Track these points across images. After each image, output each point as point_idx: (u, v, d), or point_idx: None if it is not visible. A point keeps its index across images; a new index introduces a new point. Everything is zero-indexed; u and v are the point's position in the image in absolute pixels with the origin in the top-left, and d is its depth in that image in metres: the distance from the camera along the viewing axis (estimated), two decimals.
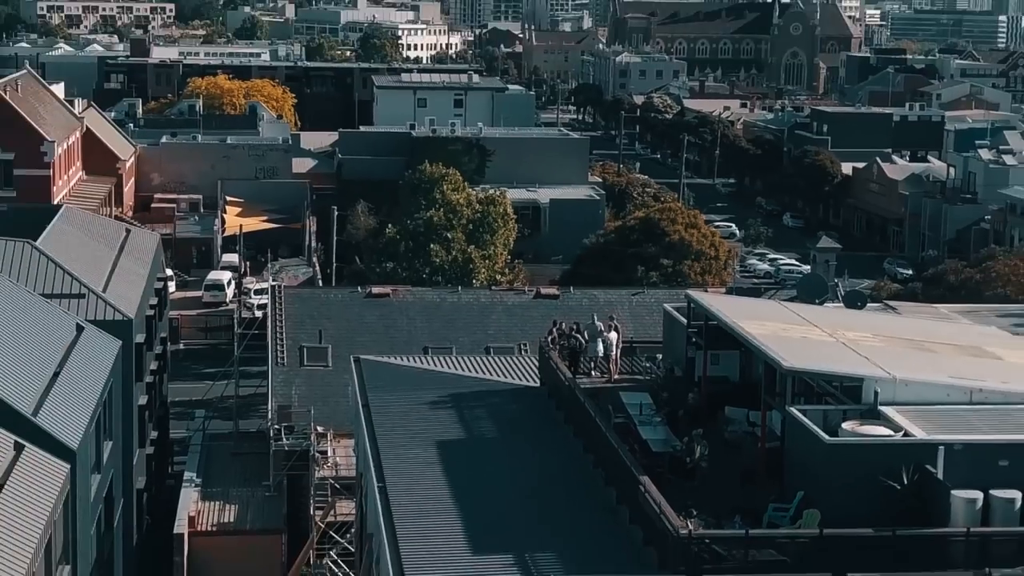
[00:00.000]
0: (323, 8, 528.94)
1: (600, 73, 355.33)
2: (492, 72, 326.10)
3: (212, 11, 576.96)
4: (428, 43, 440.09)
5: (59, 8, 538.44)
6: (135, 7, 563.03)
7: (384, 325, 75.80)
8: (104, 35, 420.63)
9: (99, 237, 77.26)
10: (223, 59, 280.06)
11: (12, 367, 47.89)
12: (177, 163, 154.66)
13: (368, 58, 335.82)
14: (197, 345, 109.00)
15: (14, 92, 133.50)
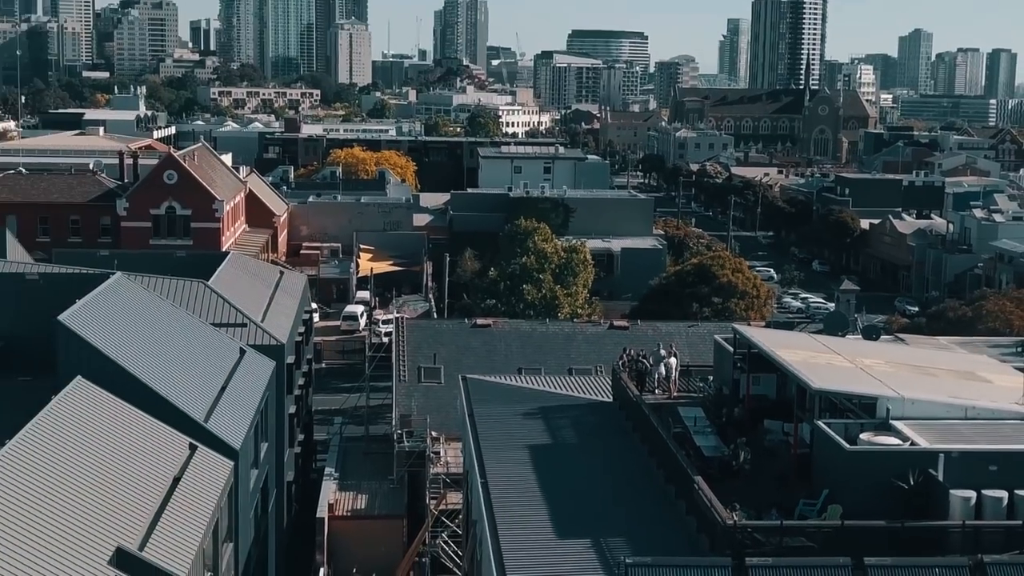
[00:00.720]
0: (439, 93, 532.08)
1: (663, 145, 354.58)
2: (575, 144, 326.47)
3: (350, 95, 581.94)
4: (523, 121, 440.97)
5: (228, 93, 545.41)
6: (288, 92, 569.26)
7: (486, 350, 75.95)
8: (264, 115, 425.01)
9: (258, 277, 77.93)
10: (358, 134, 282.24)
11: (188, 382, 48.52)
12: (321, 218, 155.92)
13: (474, 133, 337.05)
14: (336, 365, 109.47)
15: (192, 161, 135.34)
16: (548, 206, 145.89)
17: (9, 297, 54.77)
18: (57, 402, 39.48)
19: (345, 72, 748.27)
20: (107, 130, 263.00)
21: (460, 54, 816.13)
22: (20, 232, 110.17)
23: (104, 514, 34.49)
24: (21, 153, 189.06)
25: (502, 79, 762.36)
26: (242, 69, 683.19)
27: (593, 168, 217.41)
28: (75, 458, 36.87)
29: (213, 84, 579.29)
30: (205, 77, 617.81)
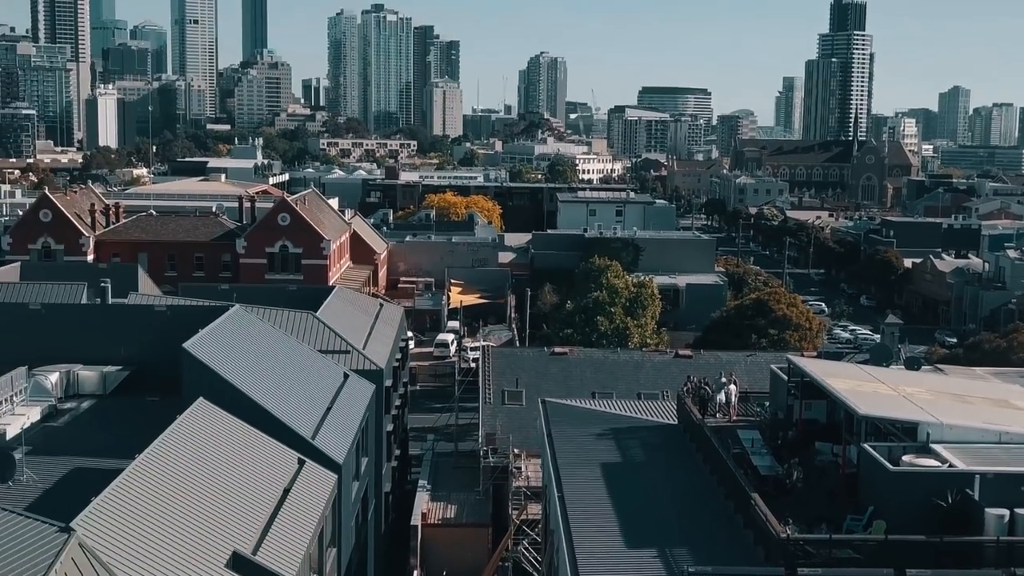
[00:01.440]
0: (522, 144, 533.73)
1: (724, 190, 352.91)
2: (644, 190, 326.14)
3: (443, 145, 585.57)
4: (597, 169, 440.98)
5: (335, 144, 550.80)
6: (389, 143, 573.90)
7: (563, 375, 75.82)
8: (367, 163, 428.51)
9: (361, 309, 78.46)
10: (450, 180, 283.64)
11: (297, 403, 48.88)
12: (416, 255, 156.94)
13: (554, 180, 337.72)
14: (429, 387, 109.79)
15: (303, 204, 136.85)
16: (620, 245, 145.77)
17: (140, 326, 55.40)
18: (182, 420, 39.99)
19: (439, 125, 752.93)
20: (228, 177, 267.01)
21: (541, 109, 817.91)
22: (150, 268, 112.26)
23: (222, 521, 34.87)
24: (152, 197, 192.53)
25: (579, 131, 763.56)
26: (348, 122, 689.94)
27: (661, 211, 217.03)
28: (197, 470, 37.35)
29: (322, 136, 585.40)
30: (315, 130, 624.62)
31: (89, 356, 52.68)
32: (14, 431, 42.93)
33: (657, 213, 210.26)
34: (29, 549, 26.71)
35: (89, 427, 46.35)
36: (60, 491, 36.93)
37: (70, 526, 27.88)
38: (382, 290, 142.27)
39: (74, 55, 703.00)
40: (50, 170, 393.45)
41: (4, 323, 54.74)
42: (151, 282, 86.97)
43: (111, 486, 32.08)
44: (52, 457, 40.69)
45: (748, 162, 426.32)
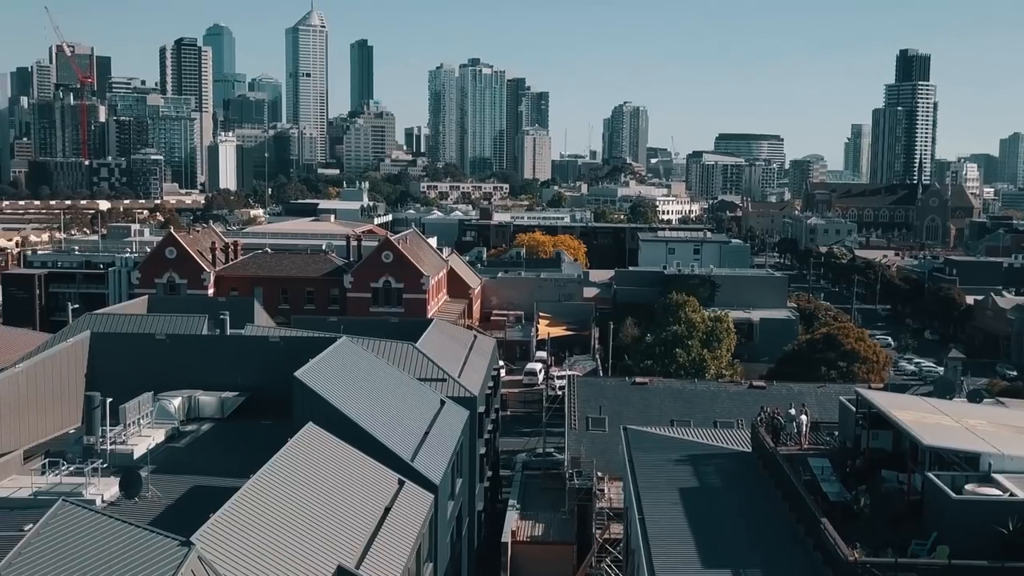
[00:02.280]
0: (606, 186, 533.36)
1: (796, 231, 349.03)
2: (720, 230, 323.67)
3: (533, 188, 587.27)
4: (676, 210, 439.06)
5: (434, 187, 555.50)
6: (483, 186, 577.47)
7: (643, 404, 75.40)
8: (463, 205, 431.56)
9: (456, 340, 78.79)
10: (539, 221, 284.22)
11: (398, 427, 49.13)
12: (507, 290, 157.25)
13: (635, 220, 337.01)
14: (518, 413, 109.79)
15: (404, 243, 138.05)
16: (697, 282, 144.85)
17: (256, 356, 56.13)
18: (293, 443, 40.39)
19: (529, 169, 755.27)
20: (337, 217, 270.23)
21: (624, 154, 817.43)
22: (265, 301, 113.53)
23: (328, 537, 35.13)
24: (267, 236, 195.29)
25: (659, 175, 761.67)
26: (446, 167, 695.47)
27: (736, 250, 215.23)
28: (306, 490, 37.66)
29: (423, 180, 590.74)
30: (416, 174, 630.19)
31: (209, 383, 53.48)
32: (141, 451, 43.74)
33: (732, 252, 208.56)
34: (153, 561, 27.18)
35: (208, 448, 47.00)
36: (181, 507, 37.43)
37: (190, 540, 28.31)
38: (476, 322, 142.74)
39: (198, 106, 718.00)
40: (175, 210, 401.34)
41: (133, 352, 55.77)
42: (266, 314, 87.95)
43: (228, 503, 32.52)
44: (174, 475, 41.31)
45: (818, 204, 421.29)
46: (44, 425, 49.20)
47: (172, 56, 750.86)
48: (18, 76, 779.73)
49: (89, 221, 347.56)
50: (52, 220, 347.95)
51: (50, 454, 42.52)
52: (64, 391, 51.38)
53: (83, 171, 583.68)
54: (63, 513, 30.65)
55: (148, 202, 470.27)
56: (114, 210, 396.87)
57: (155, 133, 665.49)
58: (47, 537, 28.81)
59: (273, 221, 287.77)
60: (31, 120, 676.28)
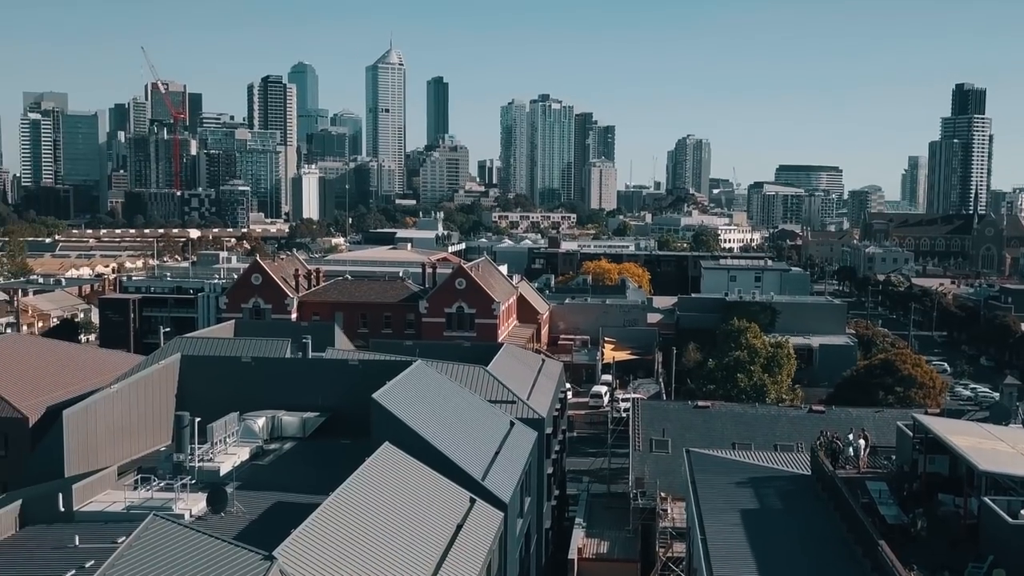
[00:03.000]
0: (669, 216, 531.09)
1: (854, 259, 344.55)
2: (780, 258, 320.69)
3: (599, 218, 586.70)
4: (738, 238, 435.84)
5: (505, 217, 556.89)
6: (551, 216, 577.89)
7: (705, 427, 74.77)
8: (532, 234, 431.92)
9: (525, 363, 78.64)
10: (605, 249, 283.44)
11: (469, 447, 49.15)
12: (574, 316, 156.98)
13: (698, 248, 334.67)
14: (585, 433, 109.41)
15: (477, 271, 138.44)
16: (758, 309, 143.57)
17: (336, 378, 56.49)
18: (370, 462, 40.62)
19: (596, 200, 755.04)
20: (413, 246, 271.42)
21: (687, 184, 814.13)
22: (345, 325, 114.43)
23: (402, 552, 35.20)
24: (348, 263, 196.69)
25: (721, 204, 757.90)
26: (516, 198, 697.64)
27: (796, 278, 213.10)
28: (382, 506, 37.83)
29: (494, 210, 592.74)
30: (488, 204, 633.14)
31: (291, 403, 53.97)
32: (227, 468, 44.19)
33: (792, 279, 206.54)
34: (237, 574, 27.45)
35: (290, 466, 47.30)
36: (264, 522, 37.72)
37: (272, 554, 28.57)
38: (544, 346, 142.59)
39: (283, 140, 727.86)
40: (261, 239, 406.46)
41: (220, 374, 56.48)
42: (346, 338, 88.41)
43: (309, 519, 32.73)
44: (258, 492, 41.63)
45: (876, 233, 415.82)
46: (137, 443, 50.01)
47: (259, 93, 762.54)
48: (116, 112, 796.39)
49: (180, 249, 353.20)
50: (146, 248, 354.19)
51: (142, 470, 43.07)
52: (156, 411, 52.16)
53: (175, 201, 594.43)
54: (154, 527, 31.10)
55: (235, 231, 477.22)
56: (204, 238, 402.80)
57: (243, 165, 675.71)
58: (139, 549, 29.24)
59: (353, 249, 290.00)
60: (127, 153, 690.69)
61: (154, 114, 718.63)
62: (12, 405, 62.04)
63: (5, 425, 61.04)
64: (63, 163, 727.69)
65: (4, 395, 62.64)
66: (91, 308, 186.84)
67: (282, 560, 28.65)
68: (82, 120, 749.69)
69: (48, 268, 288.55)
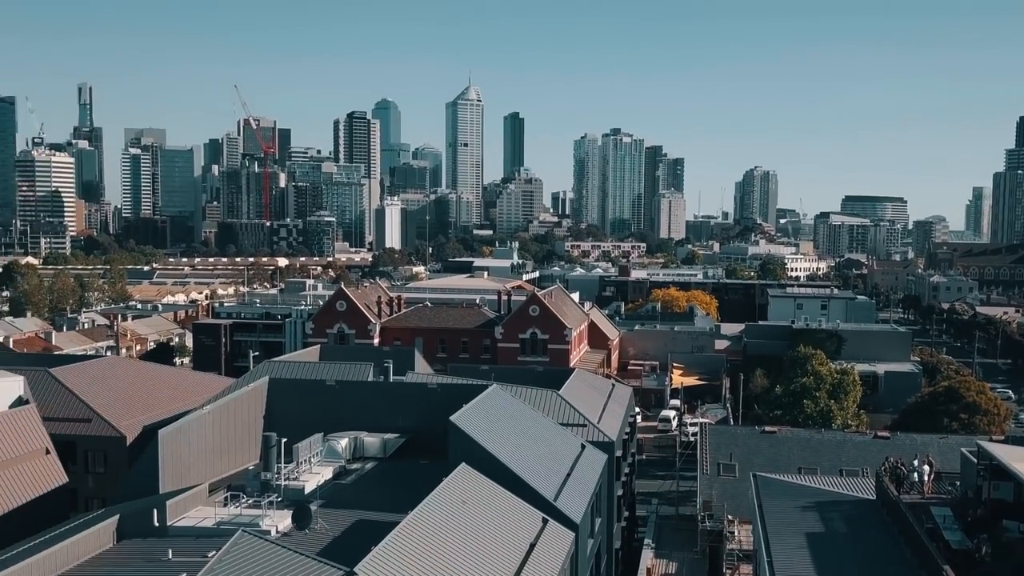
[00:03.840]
0: (737, 245, 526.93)
1: (919, 288, 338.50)
2: (846, 286, 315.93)
3: (668, 247, 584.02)
4: (804, 267, 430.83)
5: (577, 246, 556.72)
6: (622, 245, 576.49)
7: (772, 452, 73.80)
8: (603, 262, 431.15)
9: (596, 388, 78.40)
10: (673, 277, 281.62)
11: (542, 469, 49.00)
12: (644, 342, 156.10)
13: (765, 277, 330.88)
14: (653, 457, 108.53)
15: (550, 298, 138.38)
16: (824, 336, 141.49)
17: (416, 401, 56.79)
18: (447, 482, 40.72)
19: (665, 229, 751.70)
20: (490, 274, 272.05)
21: (754, 214, 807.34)
22: (425, 350, 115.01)
23: (477, 569, 35.15)
24: (427, 291, 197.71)
25: (788, 234, 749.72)
26: (588, 228, 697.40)
27: (861, 306, 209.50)
28: (459, 525, 37.84)
29: (567, 239, 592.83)
30: (561, 234, 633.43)
31: (373, 425, 54.36)
32: (311, 487, 44.58)
33: (858, 307, 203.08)
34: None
35: (371, 485, 47.57)
36: (346, 539, 37.94)
37: (354, 570, 28.74)
38: (614, 372, 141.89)
39: (367, 173, 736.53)
40: (346, 267, 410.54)
41: (306, 396, 57.11)
42: (425, 362, 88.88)
43: (388, 536, 32.87)
44: (341, 509, 41.92)
45: (941, 262, 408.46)
46: (227, 462, 50.67)
47: (345, 128, 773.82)
48: (210, 147, 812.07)
49: (269, 276, 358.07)
50: (237, 275, 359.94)
51: (232, 488, 43.66)
52: (245, 431, 52.84)
53: (265, 231, 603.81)
54: (242, 542, 31.49)
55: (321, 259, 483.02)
56: (291, 266, 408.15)
57: (328, 197, 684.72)
58: (227, 563, 29.62)
59: (433, 277, 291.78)
60: (220, 186, 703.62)
61: (246, 149, 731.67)
62: (111, 424, 63.27)
63: (104, 443, 62.28)
64: (161, 195, 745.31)
65: (104, 415, 63.92)
66: (185, 333, 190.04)
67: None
68: (179, 155, 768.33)
69: (146, 294, 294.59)
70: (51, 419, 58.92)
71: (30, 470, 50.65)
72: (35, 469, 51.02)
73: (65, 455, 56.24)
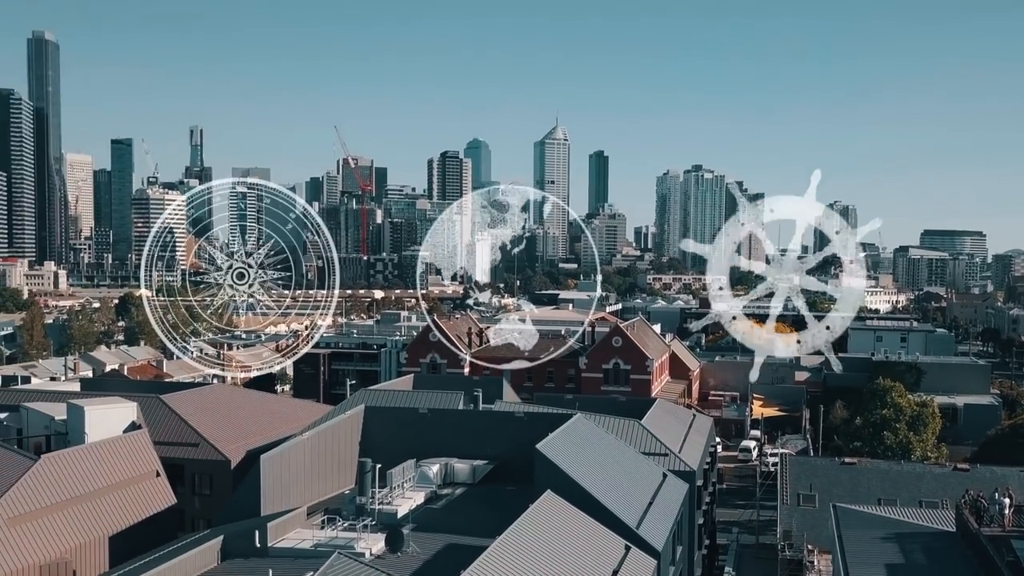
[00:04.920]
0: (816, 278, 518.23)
1: (998, 320, 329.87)
2: (925, 319, 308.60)
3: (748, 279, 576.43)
4: (884, 300, 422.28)
5: (659, 279, 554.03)
6: (702, 278, 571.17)
7: (852, 483, 72.21)
8: (684, 295, 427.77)
9: (677, 418, 77.71)
10: (753, 309, 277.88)
11: (624, 496, 48.60)
12: (724, 373, 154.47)
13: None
14: (734, 486, 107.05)
15: (632, 329, 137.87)
16: (904, 368, 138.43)
17: (503, 429, 56.78)
18: (533, 508, 40.58)
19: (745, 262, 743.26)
20: (574, 306, 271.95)
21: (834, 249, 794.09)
22: (512, 380, 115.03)
23: None
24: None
25: (867, 267, 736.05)
26: (670, 261, 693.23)
27: (940, 339, 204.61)
28: (544, 550, 37.61)
29: (649, 272, 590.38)
30: (643, 267, 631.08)
31: (463, 451, 54.51)
32: (404, 511, 44.82)
33: (937, 340, 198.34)
34: None
35: (461, 510, 47.68)
36: (437, 562, 38.03)
37: None
38: (695, 402, 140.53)
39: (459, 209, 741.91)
40: (438, 299, 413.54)
41: (399, 423, 57.54)
42: (512, 391, 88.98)
43: (477, 560, 32.82)
44: (432, 533, 42.04)
45: (1020, 296, 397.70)
46: (324, 486, 51.22)
47: (438, 166, 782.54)
48: (311, 185, 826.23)
49: (366, 308, 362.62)
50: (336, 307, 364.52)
51: (328, 511, 44.07)
52: (341, 457, 53.37)
53: (362, 265, 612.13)
54: (338, 564, 31.79)
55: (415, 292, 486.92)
56: (387, 299, 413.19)
57: (422, 233, 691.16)
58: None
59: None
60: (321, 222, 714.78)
61: (344, 186, 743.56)
62: (217, 449, 64.43)
63: (210, 467, 63.42)
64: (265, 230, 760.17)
65: (210, 439, 65.14)
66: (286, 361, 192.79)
67: None
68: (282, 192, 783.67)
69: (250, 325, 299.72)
70: (161, 443, 60.15)
71: (142, 491, 51.78)
72: (146, 491, 52.14)
73: (174, 477, 57.36)
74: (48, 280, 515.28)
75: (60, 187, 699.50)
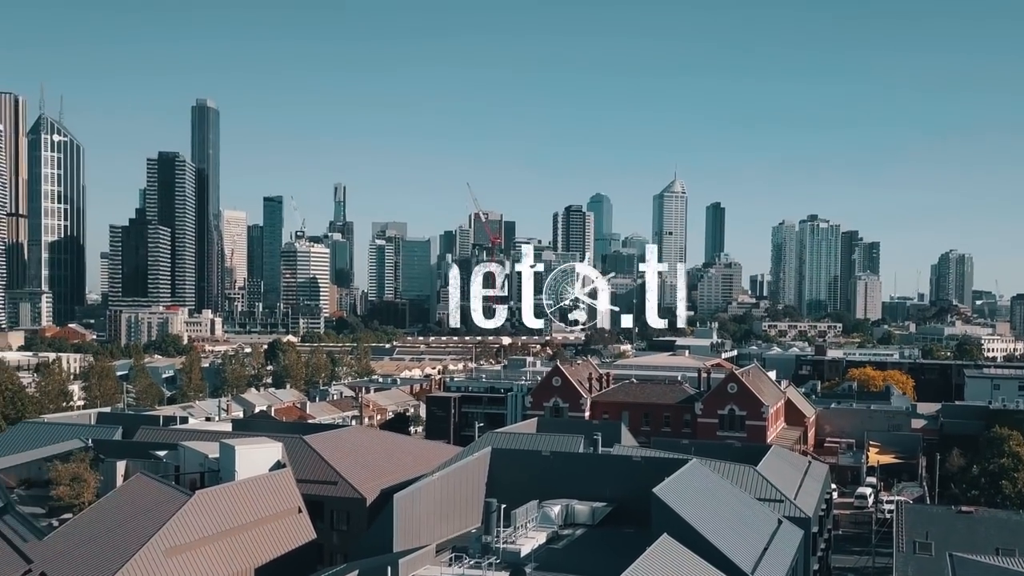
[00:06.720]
0: (933, 326, 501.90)
1: None
2: None
3: (864, 327, 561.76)
4: (1001, 348, 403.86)
5: (774, 326, 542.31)
6: (818, 325, 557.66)
7: (969, 532, 68.86)
8: (799, 342, 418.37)
9: (792, 464, 75.88)
10: (870, 357, 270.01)
11: (739, 542, 47.64)
12: (840, 420, 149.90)
13: (961, 357, 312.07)
14: (849, 532, 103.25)
15: (747, 376, 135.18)
16: (1022, 417, 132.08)
17: (621, 472, 56.44)
18: (651, 551, 40.15)
19: (861, 310, 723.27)
20: (691, 352, 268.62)
21: (950, 296, 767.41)
22: (630, 424, 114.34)
23: None
24: (633, 368, 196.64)
25: (984, 315, 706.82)
26: (785, 309, 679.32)
27: None
28: None
29: (764, 320, 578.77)
30: (759, 315, 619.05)
31: (583, 493, 54.28)
32: (527, 550, 44.77)
33: None
34: None
35: (581, 550, 47.36)
36: None
37: None
38: (811, 448, 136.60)
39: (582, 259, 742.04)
40: (561, 345, 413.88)
41: (523, 465, 57.63)
42: (630, 435, 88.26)
43: None
44: (553, 573, 41.88)
45: None
46: (452, 524, 51.53)
47: (563, 220, 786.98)
48: (445, 238, 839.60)
49: (494, 353, 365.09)
50: (466, 353, 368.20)
51: (456, 549, 44.34)
52: (469, 496, 53.67)
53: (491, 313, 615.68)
54: None
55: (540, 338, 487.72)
56: (514, 344, 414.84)
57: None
58: None
59: (638, 355, 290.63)
60: None
61: (475, 239, 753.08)
62: (353, 487, 65.43)
63: (347, 504, 64.41)
64: (401, 281, 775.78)
65: (347, 478, 66.20)
66: (420, 404, 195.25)
67: None
68: (417, 245, 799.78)
69: (386, 369, 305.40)
70: (303, 481, 61.46)
71: (285, 527, 52.96)
72: (289, 526, 53.31)
73: (314, 513, 58.49)
74: (206, 327, 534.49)
75: (218, 241, 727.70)
